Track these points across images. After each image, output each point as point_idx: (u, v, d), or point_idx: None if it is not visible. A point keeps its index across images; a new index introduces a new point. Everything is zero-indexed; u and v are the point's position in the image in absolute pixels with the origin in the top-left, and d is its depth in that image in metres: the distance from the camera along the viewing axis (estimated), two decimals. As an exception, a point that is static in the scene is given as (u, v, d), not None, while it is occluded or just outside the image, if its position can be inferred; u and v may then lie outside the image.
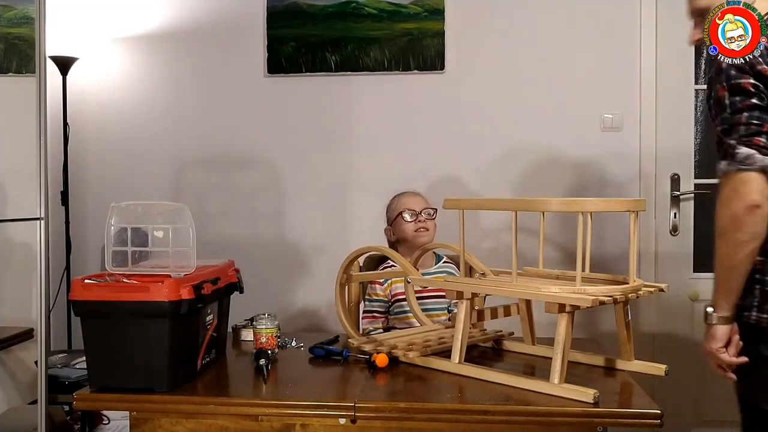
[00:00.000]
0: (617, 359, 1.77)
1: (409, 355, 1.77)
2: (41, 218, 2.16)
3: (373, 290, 2.37)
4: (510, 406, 1.47)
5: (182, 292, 1.57)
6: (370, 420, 1.50)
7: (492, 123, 3.01)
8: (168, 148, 3.14)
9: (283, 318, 3.02)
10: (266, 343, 1.86)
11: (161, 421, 1.57)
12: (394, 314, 2.35)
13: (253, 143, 3.09)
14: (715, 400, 2.95)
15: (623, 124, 2.95)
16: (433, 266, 2.38)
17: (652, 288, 1.70)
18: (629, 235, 1.67)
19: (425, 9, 2.99)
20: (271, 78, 3.08)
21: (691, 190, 2.97)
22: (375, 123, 3.04)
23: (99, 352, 1.60)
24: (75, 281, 1.61)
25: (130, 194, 3.06)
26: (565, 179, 2.97)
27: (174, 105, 3.14)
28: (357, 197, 3.06)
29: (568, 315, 1.52)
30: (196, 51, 3.12)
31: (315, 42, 3.04)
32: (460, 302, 1.70)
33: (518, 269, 1.70)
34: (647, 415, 1.44)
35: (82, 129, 3.14)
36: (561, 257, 2.91)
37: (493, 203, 2.34)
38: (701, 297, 2.97)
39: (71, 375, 2.44)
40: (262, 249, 3.09)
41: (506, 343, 1.97)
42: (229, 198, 3.12)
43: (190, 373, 1.68)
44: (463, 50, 3.00)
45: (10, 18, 2.96)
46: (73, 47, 2.99)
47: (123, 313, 1.56)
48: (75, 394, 1.59)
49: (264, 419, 1.53)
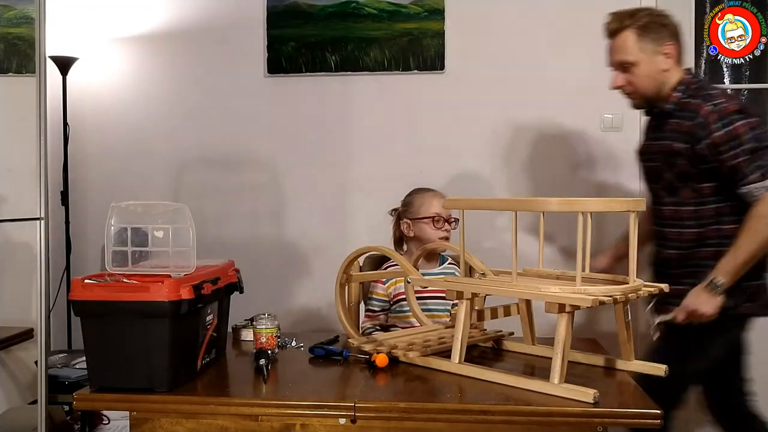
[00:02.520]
0: (617, 359, 1.77)
1: (409, 355, 1.77)
2: (41, 218, 2.16)
3: (374, 289, 2.37)
4: (510, 406, 1.47)
5: (182, 292, 1.57)
6: (370, 420, 1.50)
7: (492, 123, 3.01)
8: (168, 148, 3.14)
9: (283, 318, 3.02)
10: (266, 343, 1.86)
11: (161, 421, 1.57)
12: (395, 313, 2.35)
13: (253, 143, 3.09)
14: (715, 400, 2.95)
15: (623, 124, 2.95)
16: (438, 267, 2.38)
17: (652, 288, 1.70)
18: (629, 235, 1.67)
19: (425, 9, 2.99)
20: (271, 78, 3.08)
21: (691, 190, 2.97)
22: (375, 123, 3.04)
23: (99, 352, 1.60)
24: (75, 281, 1.61)
25: (130, 194, 3.05)
26: (565, 179, 2.97)
27: (174, 105, 3.14)
28: (357, 197, 3.06)
29: (568, 315, 1.52)
30: (196, 51, 3.12)
31: (315, 42, 3.04)
32: (460, 302, 1.70)
33: (518, 269, 1.70)
34: (647, 415, 1.44)
35: (82, 129, 3.14)
36: (561, 257, 2.91)
37: (493, 203, 2.34)
38: (701, 297, 2.97)
39: (71, 375, 2.44)
40: (262, 249, 3.09)
41: (506, 343, 1.97)
42: (229, 198, 3.12)
43: (190, 373, 1.68)
44: (463, 50, 3.00)
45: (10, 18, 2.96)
46: (73, 47, 2.99)
47: (123, 313, 1.56)
48: (75, 394, 1.59)
49: (264, 419, 1.53)
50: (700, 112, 1.96)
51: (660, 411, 1.43)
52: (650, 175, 2.15)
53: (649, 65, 2.04)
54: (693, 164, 1.98)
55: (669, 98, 2.05)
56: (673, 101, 2.04)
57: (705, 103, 1.96)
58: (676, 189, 2.04)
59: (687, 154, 1.98)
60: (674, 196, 2.05)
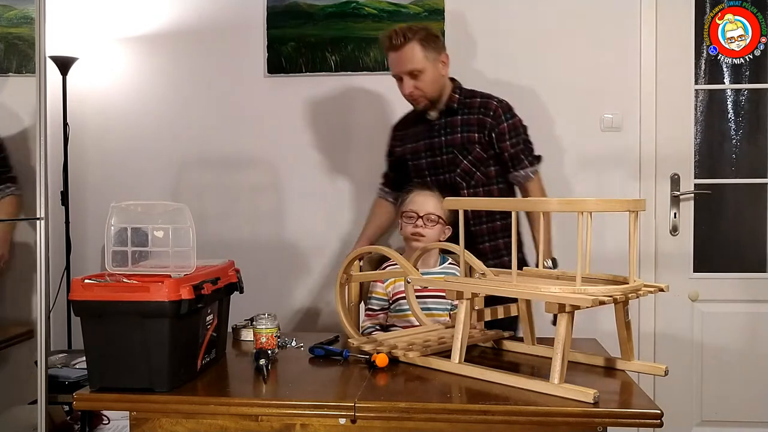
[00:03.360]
0: (617, 359, 1.77)
1: (409, 355, 1.77)
2: (41, 218, 2.16)
3: (373, 288, 2.37)
4: (510, 406, 1.47)
5: (182, 292, 1.57)
6: (370, 420, 1.50)
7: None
8: (168, 148, 3.14)
9: (283, 318, 3.02)
10: (266, 343, 1.86)
11: (161, 421, 1.57)
12: (394, 312, 2.35)
13: (253, 143, 3.09)
14: (715, 400, 2.96)
15: (623, 124, 2.95)
16: (437, 267, 2.38)
17: (652, 288, 1.70)
18: (629, 235, 1.67)
19: (425, 9, 2.99)
20: (271, 78, 3.08)
21: (691, 190, 2.97)
22: (375, 123, 3.03)
23: (99, 352, 1.60)
24: (75, 281, 1.61)
25: (130, 194, 3.06)
26: (565, 179, 2.97)
27: (174, 105, 3.14)
28: (357, 197, 3.06)
29: (568, 315, 1.52)
30: (196, 51, 3.12)
31: (315, 42, 3.04)
32: (460, 302, 1.70)
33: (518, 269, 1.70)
34: (647, 415, 1.44)
35: (82, 129, 3.14)
36: (561, 257, 2.91)
37: (493, 203, 2.33)
38: (701, 297, 2.98)
39: (71, 375, 2.44)
40: (262, 249, 3.09)
41: (506, 343, 1.97)
42: (229, 198, 3.12)
43: (190, 373, 1.68)
44: (463, 50, 3.00)
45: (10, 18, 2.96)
46: (73, 47, 2.99)
47: (123, 313, 1.56)
48: (75, 394, 1.59)
49: (264, 419, 1.53)
50: (490, 106, 2.44)
51: (660, 411, 1.43)
52: (441, 167, 2.49)
53: (433, 72, 2.40)
54: (485, 150, 2.44)
55: (452, 99, 2.47)
56: (457, 101, 2.46)
57: (491, 100, 2.46)
58: (473, 174, 2.46)
59: (480, 141, 2.43)
60: (471, 180, 2.46)
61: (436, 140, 2.49)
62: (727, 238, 3.08)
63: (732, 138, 3.04)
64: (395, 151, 2.62)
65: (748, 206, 3.08)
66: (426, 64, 2.38)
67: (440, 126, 2.49)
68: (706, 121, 3.03)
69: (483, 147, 2.44)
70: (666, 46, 2.93)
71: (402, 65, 2.38)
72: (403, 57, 2.37)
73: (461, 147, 2.45)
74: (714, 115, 3.04)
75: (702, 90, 3.01)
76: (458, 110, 2.47)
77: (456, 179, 2.47)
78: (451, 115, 2.48)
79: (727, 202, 3.09)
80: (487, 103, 2.46)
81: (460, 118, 2.47)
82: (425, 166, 2.52)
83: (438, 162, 2.49)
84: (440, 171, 2.50)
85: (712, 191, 3.02)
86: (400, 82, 2.43)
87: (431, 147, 2.50)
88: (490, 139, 2.44)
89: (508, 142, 2.45)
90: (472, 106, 2.47)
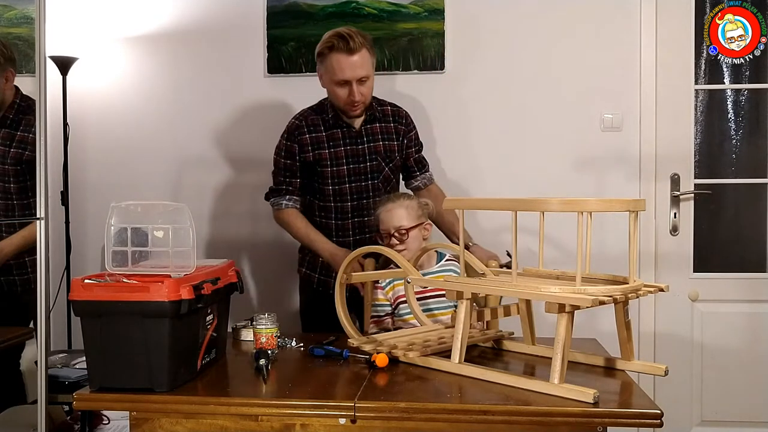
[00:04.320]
0: (617, 359, 1.77)
1: (409, 355, 1.77)
2: (41, 218, 2.15)
3: (375, 296, 2.36)
4: (510, 406, 1.47)
5: (182, 292, 1.57)
6: (370, 420, 1.50)
7: (492, 123, 3.01)
8: (168, 148, 3.14)
9: (283, 318, 3.02)
10: (266, 343, 1.86)
11: (161, 421, 1.57)
12: (397, 317, 2.34)
13: (253, 143, 3.09)
14: (715, 400, 2.96)
15: (623, 124, 2.95)
16: (435, 265, 2.38)
17: (652, 288, 1.69)
18: (629, 235, 1.67)
19: (425, 9, 2.99)
20: (271, 78, 3.08)
21: (691, 190, 2.97)
22: (375, 123, 3.03)
23: (99, 352, 1.60)
24: (75, 281, 1.61)
25: (130, 194, 3.05)
26: (565, 179, 2.97)
27: (174, 105, 3.14)
28: (357, 197, 3.05)
29: (568, 315, 1.52)
30: (196, 51, 3.12)
31: (315, 42, 3.00)
32: (460, 302, 1.70)
33: (518, 269, 1.70)
34: (647, 415, 1.44)
35: (82, 129, 3.14)
36: (561, 257, 2.91)
37: (493, 203, 2.33)
38: (701, 297, 2.98)
39: (71, 375, 2.44)
40: (262, 249, 3.09)
41: (506, 343, 1.97)
42: (229, 198, 3.12)
43: (190, 373, 1.68)
44: (463, 50, 3.00)
45: (10, 18, 2.97)
46: (73, 47, 2.99)
47: (123, 313, 1.56)
48: (75, 394, 1.59)
49: (264, 419, 1.53)
50: (401, 113, 2.57)
51: (660, 411, 1.43)
52: (364, 174, 2.49)
53: (373, 79, 2.43)
54: (400, 156, 2.56)
55: (371, 107, 2.48)
56: (374, 109, 2.50)
57: (399, 108, 2.58)
58: (390, 180, 2.54)
59: (398, 149, 2.54)
60: (388, 186, 2.54)
61: (360, 147, 2.49)
62: (727, 238, 3.08)
63: (732, 138, 3.05)
64: (306, 157, 2.47)
65: (748, 206, 3.09)
66: (371, 71, 2.40)
67: (363, 133, 2.50)
68: (706, 121, 3.03)
69: (399, 154, 2.55)
70: (666, 46, 2.93)
71: (355, 70, 2.35)
72: (357, 62, 2.35)
73: (384, 155, 2.51)
74: (714, 115, 3.04)
75: (702, 90, 3.01)
76: (377, 118, 2.52)
77: (378, 185, 2.51)
78: (372, 123, 2.51)
79: (727, 202, 3.09)
80: (398, 111, 2.57)
81: (379, 126, 2.52)
82: (347, 172, 2.48)
83: (361, 169, 2.49)
84: (363, 178, 2.50)
85: (712, 191, 3.02)
86: (340, 87, 2.37)
87: (355, 154, 2.48)
88: (401, 146, 2.55)
89: (414, 148, 2.61)
90: (385, 114, 2.55)
